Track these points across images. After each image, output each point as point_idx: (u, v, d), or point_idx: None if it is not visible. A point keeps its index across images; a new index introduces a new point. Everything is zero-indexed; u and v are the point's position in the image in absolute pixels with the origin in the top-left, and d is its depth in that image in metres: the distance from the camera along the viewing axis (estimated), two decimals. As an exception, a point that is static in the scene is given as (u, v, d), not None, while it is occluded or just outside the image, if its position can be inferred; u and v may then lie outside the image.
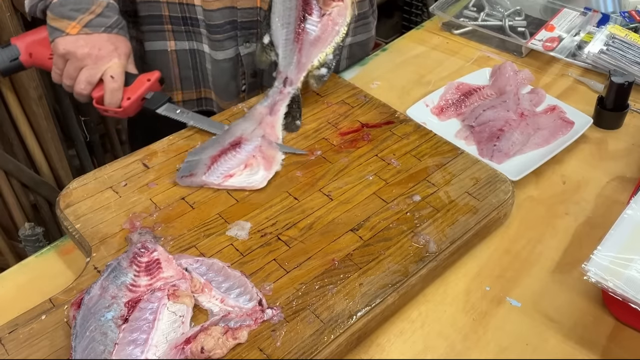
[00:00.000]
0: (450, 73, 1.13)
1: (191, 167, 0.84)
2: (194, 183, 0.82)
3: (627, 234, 0.72)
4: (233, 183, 0.82)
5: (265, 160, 0.84)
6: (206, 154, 0.85)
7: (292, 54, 0.93)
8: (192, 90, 1.10)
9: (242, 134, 0.87)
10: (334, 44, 0.92)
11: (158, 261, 0.69)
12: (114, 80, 0.91)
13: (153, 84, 0.94)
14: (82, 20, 0.90)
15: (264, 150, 0.85)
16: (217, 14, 1.00)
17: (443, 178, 0.84)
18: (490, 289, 0.75)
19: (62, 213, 0.79)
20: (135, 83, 0.94)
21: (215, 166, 0.83)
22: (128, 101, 0.93)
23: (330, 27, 0.92)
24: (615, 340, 0.69)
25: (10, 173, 1.53)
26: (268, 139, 0.87)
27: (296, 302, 0.68)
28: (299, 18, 0.93)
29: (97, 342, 0.61)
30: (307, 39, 0.93)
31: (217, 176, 0.82)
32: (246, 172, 0.83)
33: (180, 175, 0.83)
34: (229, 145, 0.86)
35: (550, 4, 1.28)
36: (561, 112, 0.98)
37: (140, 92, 0.93)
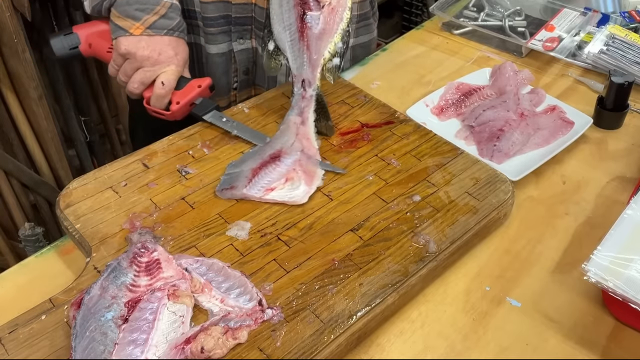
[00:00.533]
0: (450, 73, 1.13)
1: (232, 179, 0.82)
2: (234, 196, 0.81)
3: (627, 234, 0.72)
4: (274, 197, 0.80)
5: (306, 175, 0.83)
6: (247, 166, 0.84)
7: (302, 53, 0.90)
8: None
9: (282, 147, 0.86)
10: (341, 31, 0.90)
11: (158, 261, 0.69)
12: (163, 87, 0.92)
13: (203, 90, 0.95)
14: (146, 22, 0.92)
15: (304, 165, 0.84)
16: (211, 6, 1.01)
17: (443, 178, 0.84)
18: (490, 289, 0.75)
19: (62, 213, 0.79)
20: (186, 88, 0.95)
21: (256, 179, 0.82)
22: (177, 105, 0.94)
23: (332, 16, 0.90)
24: (615, 340, 0.69)
25: (10, 173, 1.53)
26: (307, 153, 0.86)
27: (296, 302, 0.68)
28: (299, 16, 0.90)
29: (97, 342, 0.61)
30: (312, 34, 0.90)
31: (258, 189, 0.81)
32: (287, 186, 0.81)
33: (220, 188, 0.81)
34: (269, 157, 0.84)
35: (550, 4, 1.28)
36: (561, 112, 0.98)
37: (190, 97, 0.94)
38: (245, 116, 0.95)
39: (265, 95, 1.00)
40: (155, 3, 0.92)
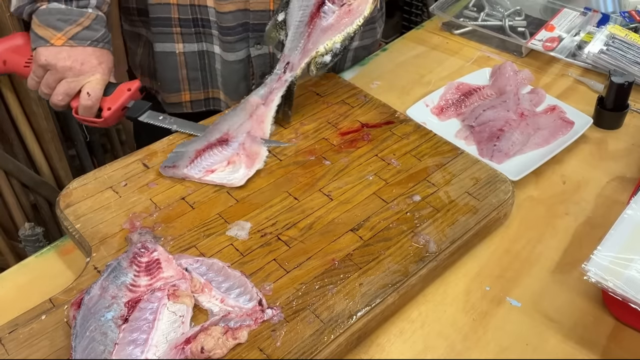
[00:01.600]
0: (450, 73, 1.13)
1: (176, 158, 0.85)
2: (175, 174, 0.83)
3: (627, 234, 0.72)
4: (213, 178, 0.83)
5: (247, 158, 0.85)
6: (192, 147, 0.86)
7: (301, 37, 0.90)
8: (199, 90, 1.10)
9: (229, 129, 0.88)
10: (345, 34, 0.89)
11: (158, 261, 0.69)
12: (89, 97, 0.90)
13: (134, 93, 0.94)
14: (68, 32, 0.88)
15: (247, 147, 0.86)
16: (229, 16, 0.99)
17: (443, 178, 0.84)
18: (490, 289, 0.75)
19: (62, 213, 0.79)
20: (116, 93, 0.93)
21: (199, 160, 0.84)
22: (109, 112, 0.92)
23: (346, 17, 0.90)
24: (615, 340, 0.69)
25: (10, 173, 1.53)
26: (253, 134, 0.87)
27: (296, 302, 0.68)
28: (317, 3, 0.90)
29: (97, 342, 0.61)
30: (319, 24, 0.90)
31: (198, 170, 0.83)
32: (228, 169, 0.84)
33: (164, 165, 0.84)
34: (215, 141, 0.87)
35: (550, 4, 1.28)
36: (561, 112, 0.98)
37: (121, 102, 0.92)
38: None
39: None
40: (79, 14, 0.89)
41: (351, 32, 0.90)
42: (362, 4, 0.90)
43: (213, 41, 1.04)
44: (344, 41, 0.90)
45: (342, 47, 0.90)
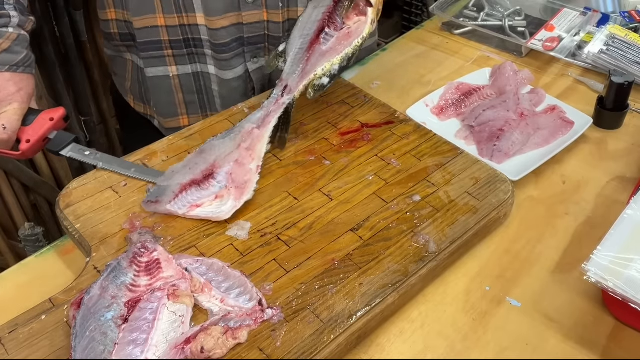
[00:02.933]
0: (450, 73, 1.13)
1: (159, 192, 0.80)
2: (158, 210, 0.78)
3: (627, 234, 0.72)
4: (199, 214, 0.78)
5: (236, 190, 0.80)
6: (176, 181, 0.81)
7: (299, 62, 0.90)
8: (198, 114, 1.07)
9: (216, 159, 0.82)
10: (343, 55, 0.88)
11: (158, 261, 0.69)
12: (5, 130, 0.82)
13: (57, 123, 0.86)
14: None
15: (235, 178, 0.80)
16: (222, 32, 0.97)
17: (443, 178, 0.84)
18: (490, 289, 0.75)
19: (62, 213, 0.79)
20: (36, 123, 0.85)
21: (184, 195, 0.79)
22: (27, 144, 0.84)
23: (344, 40, 0.90)
24: (615, 340, 0.69)
25: (10, 173, 1.53)
26: (241, 162, 0.82)
27: (296, 302, 0.68)
28: (317, 30, 0.91)
29: (97, 342, 0.61)
30: (318, 49, 0.90)
31: (182, 205, 0.78)
32: (216, 202, 0.79)
33: (146, 199, 0.79)
34: (201, 175, 0.81)
35: (550, 4, 1.28)
36: (561, 112, 0.98)
37: (41, 134, 0.84)
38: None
39: (266, 95, 1.00)
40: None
41: (349, 53, 0.88)
42: (360, 26, 0.89)
43: (207, 61, 1.01)
44: (342, 62, 0.88)
45: (340, 68, 0.88)
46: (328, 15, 0.91)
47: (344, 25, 0.90)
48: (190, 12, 0.96)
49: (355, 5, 0.90)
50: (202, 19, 0.96)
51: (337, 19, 0.91)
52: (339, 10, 0.91)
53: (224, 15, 0.95)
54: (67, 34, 1.54)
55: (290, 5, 0.98)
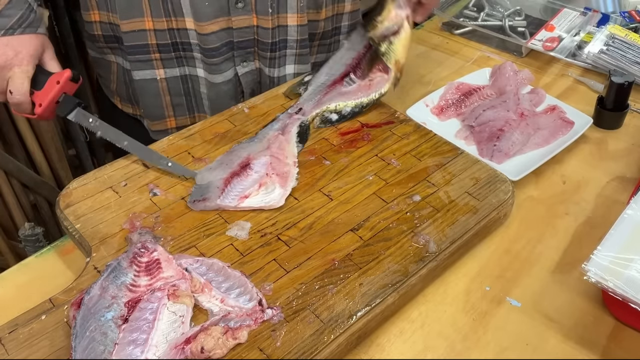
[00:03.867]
0: (450, 73, 1.13)
1: (203, 190, 0.80)
2: (207, 207, 0.78)
3: (627, 234, 0.72)
4: (251, 204, 0.79)
5: (279, 177, 0.82)
6: (216, 176, 0.82)
7: (318, 93, 0.96)
8: (185, 116, 1.06)
9: (249, 153, 0.85)
10: (358, 102, 0.95)
11: (158, 261, 0.69)
12: (13, 95, 0.84)
13: (64, 86, 0.86)
14: None
15: (276, 167, 0.83)
16: (212, 37, 0.96)
17: (443, 178, 0.84)
18: (490, 289, 0.75)
19: (62, 213, 0.79)
20: (46, 87, 0.86)
21: (229, 188, 0.80)
22: (40, 108, 0.86)
23: (363, 89, 0.96)
24: (615, 340, 0.69)
25: (10, 173, 1.53)
26: (276, 156, 0.85)
27: (296, 302, 0.68)
28: (343, 74, 0.97)
29: (97, 342, 0.61)
30: (338, 88, 0.97)
31: (232, 198, 0.79)
32: (262, 191, 0.80)
33: (192, 199, 0.79)
34: (238, 167, 0.83)
35: (550, 4, 1.28)
36: (561, 112, 0.98)
37: (51, 98, 0.86)
38: (245, 116, 0.95)
39: (266, 95, 1.00)
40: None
41: (364, 103, 0.95)
42: (382, 82, 0.96)
43: (196, 64, 1.00)
44: (355, 108, 0.94)
45: (351, 112, 0.94)
46: (357, 61, 0.98)
47: (368, 76, 0.97)
48: (179, 16, 0.94)
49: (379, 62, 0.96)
50: (191, 23, 0.95)
51: (365, 67, 0.97)
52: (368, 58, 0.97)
53: (213, 20, 0.94)
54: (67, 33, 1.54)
55: (280, 12, 0.98)
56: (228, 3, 0.94)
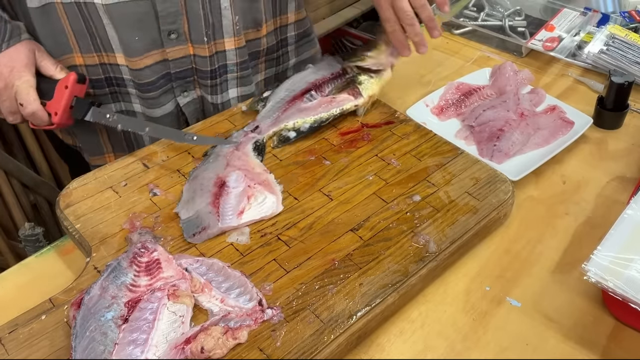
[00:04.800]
0: (450, 73, 1.13)
1: (195, 222, 0.77)
2: (211, 235, 0.75)
3: (627, 234, 0.72)
4: (251, 217, 0.77)
5: (262, 186, 0.81)
6: (201, 204, 0.78)
7: (276, 110, 0.94)
8: (124, 152, 1.00)
9: (217, 173, 0.82)
10: (317, 117, 0.92)
11: (158, 261, 0.69)
12: (25, 107, 0.84)
13: (72, 89, 0.87)
14: None
15: (253, 178, 0.81)
16: (147, 71, 0.92)
17: (443, 178, 0.84)
18: (490, 289, 0.75)
19: (62, 213, 0.79)
20: (56, 95, 0.86)
21: (221, 210, 0.78)
22: (57, 117, 0.87)
23: (325, 105, 0.93)
24: (615, 340, 0.69)
25: (10, 173, 1.53)
26: (246, 168, 0.83)
27: (296, 302, 0.68)
28: (304, 90, 0.95)
29: (97, 342, 0.61)
30: (298, 105, 0.94)
31: (230, 217, 0.77)
32: (253, 202, 0.79)
33: (190, 233, 0.76)
34: (215, 187, 0.80)
35: (550, 4, 1.28)
36: (561, 112, 0.98)
37: (64, 104, 0.86)
38: (243, 116, 0.95)
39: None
40: None
41: (324, 118, 0.92)
42: (345, 100, 0.94)
43: (132, 100, 0.97)
44: (314, 123, 0.92)
45: (310, 129, 0.91)
46: (320, 82, 0.96)
47: (331, 95, 0.95)
48: (109, 51, 0.91)
49: (352, 88, 0.95)
50: (122, 59, 0.91)
51: (326, 89, 0.95)
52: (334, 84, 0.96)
53: (145, 54, 0.91)
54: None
55: (217, 38, 0.94)
56: (160, 35, 0.90)
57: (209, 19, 0.91)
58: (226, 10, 0.91)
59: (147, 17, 0.88)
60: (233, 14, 0.92)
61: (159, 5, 0.87)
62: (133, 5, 0.86)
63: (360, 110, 0.95)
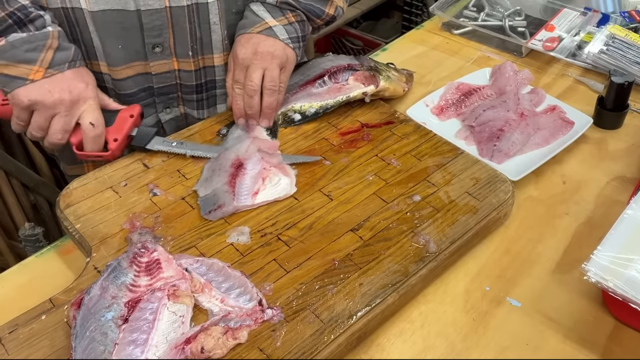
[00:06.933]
0: (450, 73, 1.13)
1: (212, 200, 0.79)
2: (226, 213, 0.78)
3: (627, 234, 0.72)
4: (265, 198, 0.80)
5: (278, 169, 0.83)
6: (218, 183, 0.81)
7: (287, 92, 0.95)
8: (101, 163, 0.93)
9: (237, 154, 0.85)
10: (323, 103, 0.94)
11: (158, 261, 0.69)
12: (95, 127, 0.82)
13: (136, 120, 0.87)
14: (44, 61, 0.79)
15: (269, 160, 0.84)
16: (128, 82, 0.91)
17: (443, 178, 0.84)
18: (490, 289, 0.75)
19: (62, 213, 0.79)
20: (118, 121, 0.86)
21: (237, 189, 0.80)
22: (115, 143, 0.85)
23: (333, 92, 0.96)
24: (615, 340, 0.69)
25: (10, 173, 1.53)
26: (265, 150, 0.85)
27: (296, 302, 0.68)
28: (318, 75, 0.97)
29: (97, 342, 0.61)
30: (308, 89, 0.97)
31: (245, 197, 0.79)
32: (267, 184, 0.81)
33: (206, 210, 0.78)
34: (233, 168, 0.83)
35: (550, 4, 1.28)
36: (561, 112, 0.98)
37: (126, 131, 0.86)
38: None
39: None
40: (44, 37, 0.80)
41: (329, 104, 0.94)
42: (354, 87, 0.96)
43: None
44: (319, 109, 0.94)
45: (315, 114, 0.94)
46: (336, 70, 0.98)
47: (341, 82, 0.96)
48: (93, 59, 0.90)
49: (369, 75, 0.97)
50: (105, 67, 0.90)
51: (340, 77, 0.97)
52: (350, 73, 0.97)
53: (127, 64, 0.90)
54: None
55: (205, 53, 0.93)
56: (144, 47, 0.89)
57: (196, 33, 0.90)
58: (215, 26, 0.91)
59: (132, 28, 0.87)
60: (222, 29, 0.92)
61: (145, 17, 0.86)
62: (118, 14, 0.86)
63: (368, 99, 0.96)
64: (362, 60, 1.01)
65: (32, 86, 0.79)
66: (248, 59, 0.89)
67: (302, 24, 0.96)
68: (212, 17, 0.90)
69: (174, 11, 0.87)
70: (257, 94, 0.89)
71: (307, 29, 0.98)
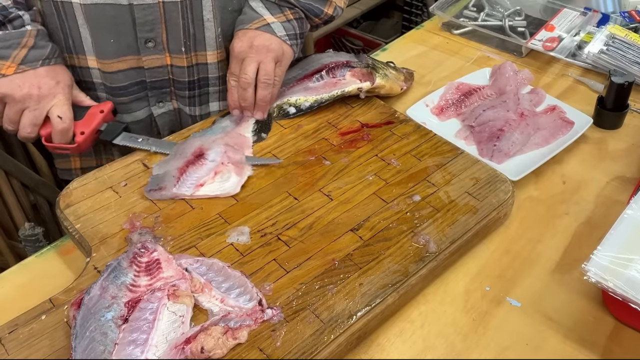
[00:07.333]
0: (450, 73, 1.13)
1: (159, 180, 0.82)
2: (164, 196, 0.80)
3: (627, 234, 0.72)
4: (206, 192, 0.81)
5: (234, 166, 0.83)
6: (172, 166, 0.83)
7: (283, 86, 0.95)
8: (91, 157, 1.02)
9: (201, 144, 0.86)
10: (318, 97, 0.94)
11: (158, 261, 0.69)
12: (63, 120, 0.84)
13: (107, 115, 0.89)
14: (16, 58, 0.82)
15: (230, 156, 0.84)
16: (119, 75, 0.92)
17: (443, 178, 0.84)
18: (490, 289, 0.75)
19: (62, 213, 0.79)
20: (88, 116, 0.88)
21: (185, 177, 0.81)
22: (82, 136, 0.87)
23: (328, 87, 0.96)
24: (615, 340, 0.69)
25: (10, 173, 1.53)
26: (232, 145, 0.86)
27: (296, 302, 0.68)
28: (316, 70, 0.98)
29: (97, 342, 0.61)
30: (305, 83, 0.97)
31: (187, 187, 0.81)
32: (217, 179, 0.82)
33: (148, 189, 0.81)
34: (192, 156, 0.84)
35: (550, 4, 1.28)
36: (561, 112, 0.98)
37: (94, 125, 0.88)
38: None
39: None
40: (19, 35, 0.82)
41: (324, 98, 0.95)
42: (349, 83, 0.96)
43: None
44: (314, 103, 0.94)
45: (310, 107, 0.94)
46: (334, 65, 0.98)
47: (338, 77, 0.97)
48: (80, 53, 0.91)
49: (366, 72, 0.97)
50: (93, 62, 0.91)
51: (338, 73, 0.97)
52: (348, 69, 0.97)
53: (119, 58, 0.90)
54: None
55: (198, 50, 0.94)
56: (137, 42, 0.89)
57: (189, 29, 0.90)
58: (209, 23, 0.91)
59: (124, 23, 0.88)
60: (216, 26, 0.92)
61: (137, 12, 0.87)
62: (110, 8, 0.86)
63: (363, 95, 0.97)
64: (361, 58, 1.01)
65: (3, 80, 0.82)
66: (244, 52, 0.90)
67: (301, 22, 0.96)
68: (206, 13, 0.90)
69: (167, 6, 0.87)
70: (251, 87, 0.90)
71: (305, 27, 0.98)
